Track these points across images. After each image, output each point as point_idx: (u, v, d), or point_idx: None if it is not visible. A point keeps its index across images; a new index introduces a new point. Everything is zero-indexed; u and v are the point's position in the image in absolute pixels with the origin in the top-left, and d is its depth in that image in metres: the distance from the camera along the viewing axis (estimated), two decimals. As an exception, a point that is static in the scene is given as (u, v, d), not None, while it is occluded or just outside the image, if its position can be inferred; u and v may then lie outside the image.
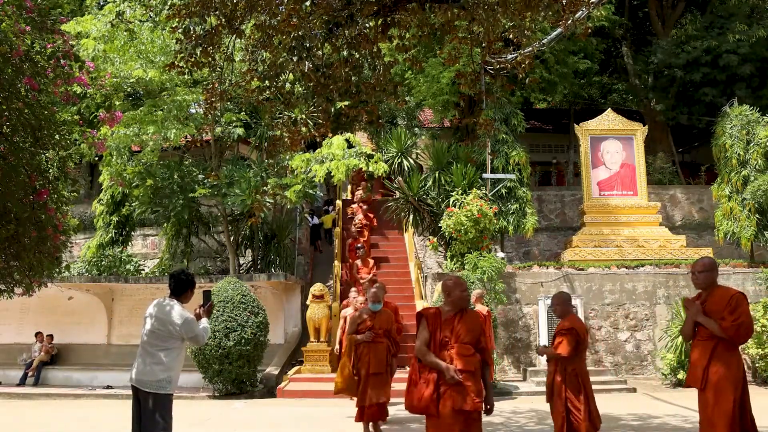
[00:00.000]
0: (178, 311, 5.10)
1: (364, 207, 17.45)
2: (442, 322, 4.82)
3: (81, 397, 12.66)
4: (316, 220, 19.80)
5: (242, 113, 14.91)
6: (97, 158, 14.46)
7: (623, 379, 13.14)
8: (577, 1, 6.61)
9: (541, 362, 13.36)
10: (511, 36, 7.38)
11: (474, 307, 11.34)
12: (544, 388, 12.45)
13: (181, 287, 5.24)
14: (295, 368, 13.21)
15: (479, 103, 15.72)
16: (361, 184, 18.54)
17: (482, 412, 4.77)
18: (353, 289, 13.21)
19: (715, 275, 5.32)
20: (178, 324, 5.04)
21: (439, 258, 16.94)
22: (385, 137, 16.60)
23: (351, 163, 14.08)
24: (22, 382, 13.86)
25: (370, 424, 7.86)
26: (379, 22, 6.68)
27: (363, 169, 14.92)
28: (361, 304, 10.45)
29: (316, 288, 13.37)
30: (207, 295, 5.41)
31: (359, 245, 15.37)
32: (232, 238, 15.52)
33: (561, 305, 6.15)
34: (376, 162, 14.56)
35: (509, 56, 9.92)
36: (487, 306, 11.51)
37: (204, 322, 5.23)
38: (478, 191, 14.44)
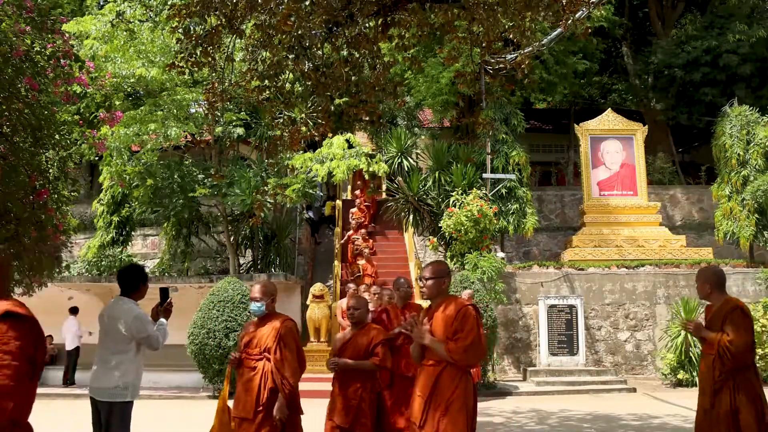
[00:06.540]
0: (127, 309, 4.60)
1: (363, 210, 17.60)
2: None
3: (81, 397, 12.65)
4: (310, 214, 19.95)
5: (242, 113, 14.92)
6: (97, 158, 14.45)
7: (623, 379, 13.15)
8: (577, 1, 6.61)
9: (541, 362, 13.36)
10: (510, 36, 7.37)
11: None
12: (545, 388, 12.52)
13: (128, 283, 4.70)
14: (295, 368, 13.20)
15: (479, 103, 15.72)
16: (358, 195, 18.63)
17: None
18: (350, 285, 13.20)
19: (446, 284, 4.32)
20: (127, 322, 4.54)
21: (439, 258, 16.94)
22: (385, 137, 16.57)
23: (351, 164, 14.07)
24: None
25: None
26: (379, 22, 6.68)
27: (363, 170, 14.92)
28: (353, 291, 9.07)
29: (316, 288, 13.37)
30: (164, 292, 4.89)
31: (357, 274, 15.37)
32: (232, 238, 15.52)
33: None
34: (376, 162, 14.56)
35: (509, 56, 9.93)
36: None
37: (162, 322, 4.76)
38: (478, 191, 14.43)
